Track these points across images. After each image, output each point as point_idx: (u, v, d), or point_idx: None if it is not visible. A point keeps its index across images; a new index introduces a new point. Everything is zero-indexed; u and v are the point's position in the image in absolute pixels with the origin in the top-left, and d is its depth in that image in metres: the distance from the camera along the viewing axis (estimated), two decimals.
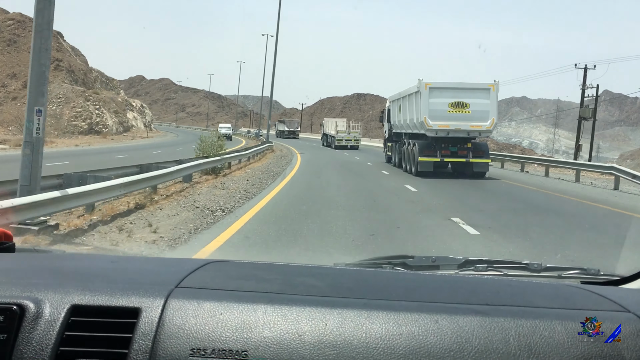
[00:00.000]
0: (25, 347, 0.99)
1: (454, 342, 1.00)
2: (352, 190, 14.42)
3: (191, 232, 7.57)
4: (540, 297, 1.26)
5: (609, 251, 6.70)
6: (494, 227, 8.80)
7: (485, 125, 19.00)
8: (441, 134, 19.15)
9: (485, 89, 19.14)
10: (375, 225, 8.63)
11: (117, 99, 56.34)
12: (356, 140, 46.21)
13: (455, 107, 18.93)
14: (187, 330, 1.01)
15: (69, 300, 1.07)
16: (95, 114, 46.89)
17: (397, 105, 24.12)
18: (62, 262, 1.51)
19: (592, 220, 10.67)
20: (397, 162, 24.56)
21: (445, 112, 18.90)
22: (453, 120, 18.90)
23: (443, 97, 19.00)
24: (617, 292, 1.32)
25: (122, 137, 48.45)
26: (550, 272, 1.84)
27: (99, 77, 61.93)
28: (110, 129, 49.05)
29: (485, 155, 19.68)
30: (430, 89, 19.01)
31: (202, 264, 1.37)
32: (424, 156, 19.33)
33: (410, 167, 20.77)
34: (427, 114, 18.92)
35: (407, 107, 21.67)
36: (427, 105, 18.95)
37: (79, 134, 43.21)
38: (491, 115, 18.99)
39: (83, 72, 55.93)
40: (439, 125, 18.94)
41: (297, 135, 71.28)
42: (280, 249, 6.50)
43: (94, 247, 6.31)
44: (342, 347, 0.99)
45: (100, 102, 49.17)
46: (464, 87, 19.21)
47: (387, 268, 1.83)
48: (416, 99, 19.87)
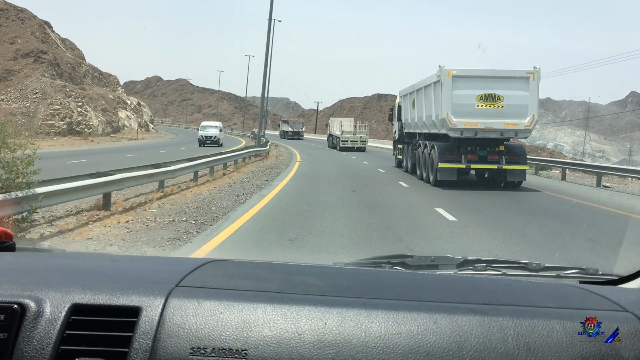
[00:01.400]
0: (26, 345, 1.02)
1: (452, 341, 1.03)
2: (370, 228, 8.68)
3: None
4: (538, 297, 1.29)
5: None
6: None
7: (523, 123, 15.51)
8: (467, 135, 15.68)
9: (523, 77, 15.64)
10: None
11: (108, 96, 52.49)
12: (362, 142, 43.99)
13: (486, 101, 15.45)
14: (187, 329, 1.03)
15: (70, 299, 1.09)
16: (77, 112, 43.15)
17: (410, 100, 20.68)
18: (63, 261, 1.55)
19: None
20: (410, 167, 21.17)
21: (472, 107, 15.44)
22: (482, 117, 15.43)
23: (470, 88, 15.54)
24: (615, 292, 1.35)
25: (107, 138, 44.85)
26: (548, 271, 1.88)
27: (91, 72, 58.15)
28: (95, 129, 45.31)
29: (522, 161, 16.17)
30: (455, 78, 15.56)
31: (202, 263, 1.40)
32: (445, 162, 15.89)
33: (426, 174, 17.35)
34: (449, 110, 15.47)
35: (424, 102, 18.22)
36: (450, 98, 15.50)
37: (56, 134, 39.71)
38: (531, 111, 15.50)
39: (71, 66, 52.24)
40: (464, 124, 15.48)
41: (301, 136, 71.48)
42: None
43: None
44: (341, 346, 1.01)
45: (84, 99, 45.53)
46: (496, 76, 15.72)
47: (386, 267, 1.86)
48: (436, 91, 16.43)
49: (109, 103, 50.97)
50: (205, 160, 16.72)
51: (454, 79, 15.55)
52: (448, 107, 15.52)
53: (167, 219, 8.75)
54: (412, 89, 20.35)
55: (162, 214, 9.29)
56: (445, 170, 15.95)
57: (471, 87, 15.56)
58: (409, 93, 21.25)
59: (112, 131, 48.67)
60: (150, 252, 6.49)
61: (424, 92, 18.25)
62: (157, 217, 8.93)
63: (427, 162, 17.43)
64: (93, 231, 7.62)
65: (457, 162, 16.00)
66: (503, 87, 15.50)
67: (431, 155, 16.84)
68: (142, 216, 9.00)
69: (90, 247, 6.53)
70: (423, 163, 18.14)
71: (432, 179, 16.69)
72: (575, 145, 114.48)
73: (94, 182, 8.86)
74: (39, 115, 40.21)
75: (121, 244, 6.79)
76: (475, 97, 15.45)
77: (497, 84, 15.53)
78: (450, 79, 15.51)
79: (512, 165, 15.96)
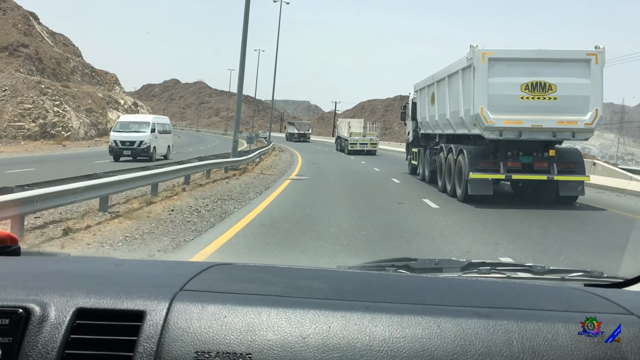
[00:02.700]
0: (31, 350, 1.03)
1: (457, 344, 1.03)
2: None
3: None
4: (543, 300, 1.28)
5: None
6: None
7: (582, 121, 12.00)
8: (509, 136, 12.17)
9: (583, 60, 12.11)
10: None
11: (96, 94, 48.34)
12: (373, 144, 41.33)
13: (533, 91, 11.93)
14: (191, 333, 1.04)
15: (74, 303, 1.11)
16: (53, 112, 38.80)
17: (429, 94, 17.23)
18: (67, 265, 1.55)
19: None
20: (428, 176, 17.80)
21: (515, 100, 11.96)
22: (529, 112, 11.94)
23: (512, 75, 12.06)
24: (620, 295, 1.34)
25: (90, 142, 40.50)
26: (553, 274, 1.88)
27: (81, 69, 54.22)
28: (75, 131, 40.89)
29: (579, 170, 12.63)
30: (492, 62, 12.07)
31: (206, 266, 1.41)
32: (478, 171, 12.40)
33: (451, 186, 13.90)
34: (485, 103, 11.98)
35: (448, 95, 14.74)
36: (486, 88, 12.01)
37: (25, 138, 35.59)
38: (593, 104, 11.98)
39: (56, 61, 48.56)
40: (505, 122, 11.98)
41: (307, 138, 71.95)
42: None
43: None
44: (345, 349, 1.02)
45: (64, 97, 41.46)
46: (546, 58, 12.20)
47: (390, 271, 1.87)
48: (465, 80, 12.94)
49: (96, 102, 46.77)
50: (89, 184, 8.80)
51: (490, 62, 12.05)
52: (483, 99, 12.01)
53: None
54: (431, 80, 16.87)
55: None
56: (478, 182, 12.45)
57: (513, 74, 12.06)
58: (426, 86, 17.79)
59: (98, 134, 44.33)
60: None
61: (448, 83, 14.76)
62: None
63: (452, 171, 13.93)
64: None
65: (494, 172, 12.50)
66: (556, 73, 11.99)
67: (458, 163, 13.35)
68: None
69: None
70: (447, 172, 14.65)
71: (459, 193, 13.20)
72: (602, 149, 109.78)
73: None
74: (5, 115, 36.23)
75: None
76: (518, 87, 11.94)
77: (548, 69, 12.02)
78: (485, 62, 12.01)
79: (567, 176, 12.41)
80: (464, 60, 12.90)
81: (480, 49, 12.09)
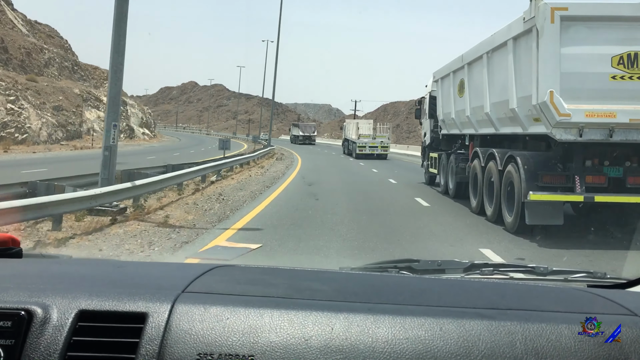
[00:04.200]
0: (33, 352, 1.04)
1: (460, 346, 1.04)
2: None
3: None
4: (546, 301, 1.30)
5: None
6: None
7: None
8: (593, 136, 8.13)
9: None
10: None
11: (72, 90, 43.50)
12: (384, 147, 37.99)
13: (631, 67, 7.84)
14: (193, 335, 1.05)
15: (77, 305, 1.11)
16: (6, 110, 33.21)
17: (455, 82, 13.32)
18: (69, 267, 1.56)
19: None
20: (452, 189, 14.08)
21: (604, 80, 8.01)
22: (625, 99, 7.98)
23: (598, 43, 8.03)
24: (623, 295, 1.35)
25: (55, 146, 35.10)
26: (556, 275, 1.88)
27: (58, 62, 49.17)
28: (35, 133, 35.28)
29: None
30: (566, 22, 8.05)
31: (208, 268, 1.43)
32: (542, 189, 8.40)
33: (495, 208, 9.90)
34: (556, 86, 7.96)
35: (488, 79, 10.76)
36: (558, 62, 8.00)
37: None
38: None
39: (25, 51, 43.79)
40: (588, 114, 7.98)
41: (312, 140, 71.69)
42: None
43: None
44: (348, 351, 1.03)
45: (24, 93, 36.15)
46: None
47: (392, 272, 1.87)
48: (521, 53, 8.97)
49: (70, 99, 41.93)
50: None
51: (564, 23, 8.00)
52: (553, 80, 7.96)
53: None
54: (459, 62, 12.90)
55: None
56: (542, 207, 8.40)
57: (600, 41, 8.03)
58: (451, 72, 13.80)
59: (68, 136, 39.10)
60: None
61: (488, 63, 10.74)
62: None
63: (496, 189, 9.90)
64: None
65: (567, 191, 8.45)
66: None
67: (507, 176, 9.31)
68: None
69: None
70: (486, 188, 10.64)
71: (509, 221, 9.17)
72: None
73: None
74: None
75: None
76: (608, 60, 7.93)
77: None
78: (557, 23, 7.95)
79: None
80: (518, 23, 8.82)
81: (549, 3, 7.99)
